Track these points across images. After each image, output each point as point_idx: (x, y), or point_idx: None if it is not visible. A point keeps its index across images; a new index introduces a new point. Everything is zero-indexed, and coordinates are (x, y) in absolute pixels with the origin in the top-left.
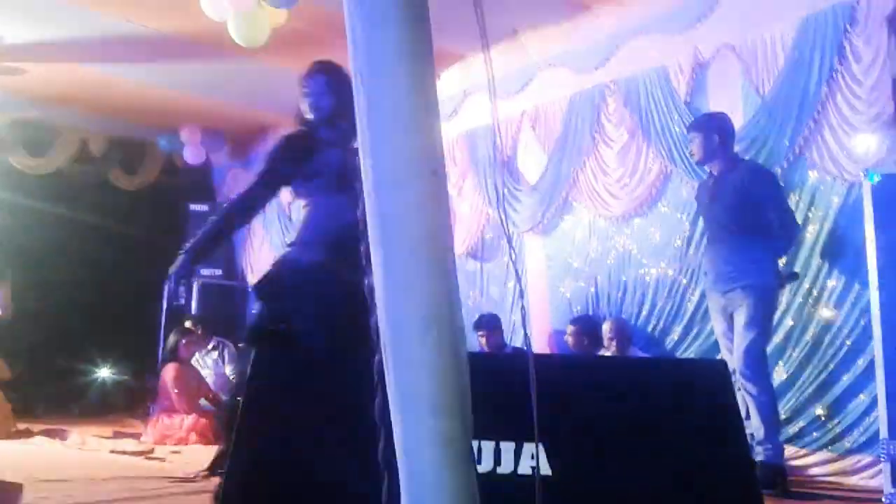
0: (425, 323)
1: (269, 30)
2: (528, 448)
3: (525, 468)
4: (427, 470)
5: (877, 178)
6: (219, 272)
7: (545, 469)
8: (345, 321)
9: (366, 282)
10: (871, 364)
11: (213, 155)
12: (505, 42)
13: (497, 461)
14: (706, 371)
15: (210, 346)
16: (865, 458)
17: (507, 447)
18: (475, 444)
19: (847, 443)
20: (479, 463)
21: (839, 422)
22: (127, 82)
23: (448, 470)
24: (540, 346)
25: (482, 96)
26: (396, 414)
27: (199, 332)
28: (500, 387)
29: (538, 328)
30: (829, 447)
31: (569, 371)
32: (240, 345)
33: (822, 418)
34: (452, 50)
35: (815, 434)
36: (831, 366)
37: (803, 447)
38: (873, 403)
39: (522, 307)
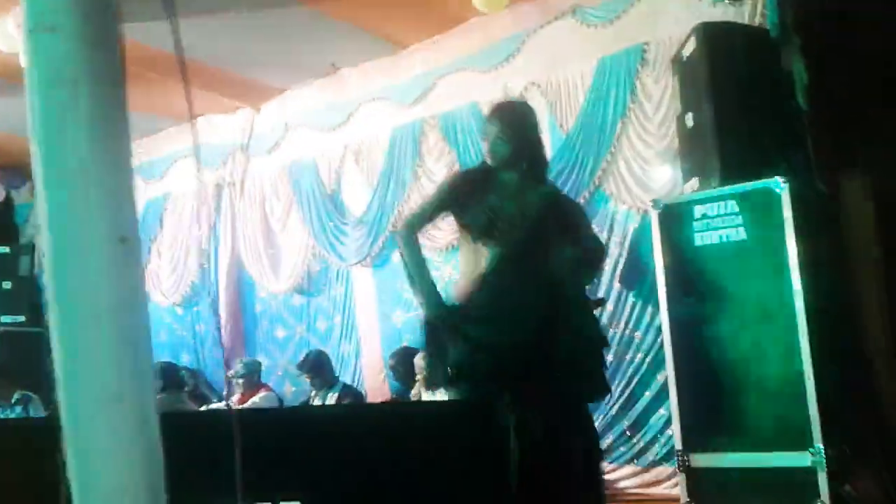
0: (108, 401)
1: None
2: None
3: None
4: None
5: (662, 207)
6: (21, 318)
7: None
8: None
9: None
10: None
11: (14, 192)
12: (325, 77)
13: None
14: (467, 411)
15: (13, 401)
16: (667, 470)
17: None
18: None
19: (650, 455)
20: None
21: (642, 436)
22: None
23: None
24: (373, 378)
25: (304, 129)
26: None
27: None
28: (215, 448)
29: (370, 360)
30: (635, 460)
31: (283, 424)
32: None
33: (628, 433)
34: (272, 84)
35: (622, 449)
36: (634, 383)
37: (612, 462)
38: (671, 417)
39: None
